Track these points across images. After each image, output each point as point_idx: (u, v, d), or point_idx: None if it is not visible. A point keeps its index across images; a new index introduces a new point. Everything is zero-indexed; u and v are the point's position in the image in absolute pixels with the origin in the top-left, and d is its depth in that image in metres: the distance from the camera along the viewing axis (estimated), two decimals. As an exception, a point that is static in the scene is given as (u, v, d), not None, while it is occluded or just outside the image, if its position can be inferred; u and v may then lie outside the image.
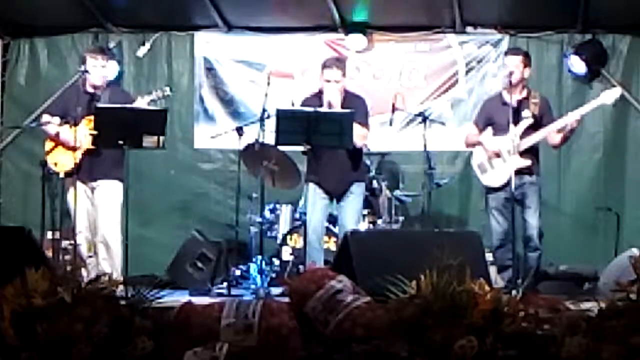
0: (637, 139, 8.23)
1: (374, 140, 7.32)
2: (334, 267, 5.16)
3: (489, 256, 6.42)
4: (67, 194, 6.58)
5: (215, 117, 8.70)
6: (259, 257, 6.76)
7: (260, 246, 6.81)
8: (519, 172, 6.47)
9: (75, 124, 6.43)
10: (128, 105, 6.49)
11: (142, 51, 8.68)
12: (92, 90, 6.66)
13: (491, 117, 6.77)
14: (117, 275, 5.59)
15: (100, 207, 6.59)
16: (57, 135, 6.60)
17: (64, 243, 6.97)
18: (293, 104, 7.07)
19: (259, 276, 6.72)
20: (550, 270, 7.32)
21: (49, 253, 6.55)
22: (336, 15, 8.30)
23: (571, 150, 8.10)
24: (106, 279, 4.50)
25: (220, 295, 6.64)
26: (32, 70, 8.82)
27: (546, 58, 8.33)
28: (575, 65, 8.17)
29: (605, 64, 8.18)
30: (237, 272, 7.44)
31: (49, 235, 6.76)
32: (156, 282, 6.46)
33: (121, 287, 4.73)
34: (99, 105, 6.44)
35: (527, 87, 6.74)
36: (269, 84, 6.95)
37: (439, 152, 7.84)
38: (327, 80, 6.58)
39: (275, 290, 6.60)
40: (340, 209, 6.71)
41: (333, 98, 6.54)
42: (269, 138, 6.60)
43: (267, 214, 7.48)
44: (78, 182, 6.45)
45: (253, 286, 6.73)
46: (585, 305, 4.32)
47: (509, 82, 6.53)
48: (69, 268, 4.69)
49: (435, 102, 8.47)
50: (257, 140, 6.70)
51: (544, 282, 6.99)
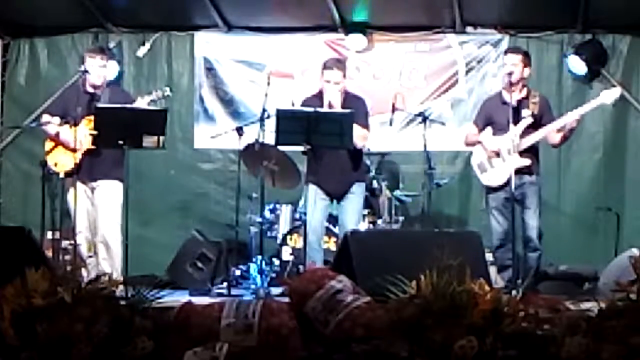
0: (637, 139, 8.22)
1: (374, 140, 7.31)
2: (334, 267, 5.16)
3: (489, 256, 6.42)
4: (67, 194, 6.58)
5: (215, 117, 8.69)
6: (259, 257, 6.77)
7: (260, 246, 6.82)
8: (518, 172, 6.47)
9: (75, 124, 6.43)
10: (128, 105, 6.49)
11: (142, 51, 8.68)
12: (92, 90, 6.66)
13: (491, 117, 6.77)
14: (117, 275, 5.59)
15: (100, 207, 6.60)
16: (57, 135, 6.60)
17: (64, 243, 6.97)
18: (293, 104, 7.07)
19: (259, 276, 6.72)
20: (550, 271, 7.32)
21: (49, 253, 6.55)
22: (336, 15, 8.29)
23: (571, 150, 8.10)
24: (106, 279, 4.50)
25: (220, 295, 6.64)
26: (32, 70, 8.81)
27: (546, 58, 8.33)
28: (575, 65, 8.17)
29: (605, 64, 8.18)
30: (237, 272, 7.44)
31: (49, 235, 6.76)
32: (156, 282, 6.47)
33: (121, 287, 4.73)
34: (99, 105, 6.44)
35: (527, 86, 6.74)
36: (269, 84, 6.96)
37: (439, 152, 7.83)
38: (328, 81, 6.58)
39: (275, 290, 6.60)
40: (340, 210, 6.71)
41: (333, 99, 6.54)
42: (269, 138, 6.61)
43: (267, 214, 7.48)
44: (78, 182, 6.45)
45: (253, 286, 6.74)
46: (585, 305, 4.32)
47: (509, 82, 6.54)
48: (69, 268, 4.69)
49: (435, 102, 8.47)
50: (257, 140, 6.70)
51: (544, 282, 6.98)
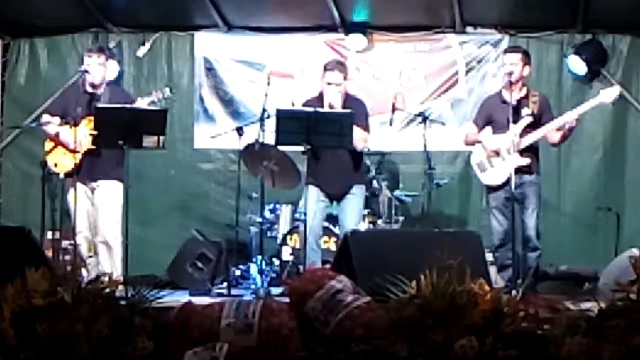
0: (637, 139, 8.22)
1: (374, 140, 7.31)
2: (334, 267, 5.16)
3: (489, 256, 6.42)
4: (67, 194, 6.58)
5: (215, 117, 8.69)
6: (259, 257, 6.77)
7: (260, 246, 6.82)
8: (518, 171, 6.47)
9: (75, 124, 6.43)
10: (128, 105, 6.49)
11: (142, 51, 8.67)
12: (91, 90, 6.65)
13: (490, 116, 6.77)
14: (117, 275, 5.58)
15: (100, 207, 6.59)
16: (57, 135, 6.60)
17: (64, 243, 6.97)
18: (293, 104, 7.07)
19: (259, 276, 6.73)
20: (550, 271, 7.32)
21: (49, 253, 6.55)
22: (336, 15, 8.29)
23: (571, 150, 8.10)
24: (106, 279, 4.50)
25: (220, 295, 6.64)
26: (32, 70, 8.81)
27: (546, 58, 8.32)
28: (575, 65, 8.16)
29: (605, 64, 8.17)
30: (237, 272, 7.44)
31: (49, 235, 6.76)
32: (156, 282, 6.47)
33: (121, 287, 4.73)
34: (99, 105, 6.44)
35: (527, 85, 6.75)
36: (269, 84, 6.97)
37: (439, 152, 7.83)
38: (329, 83, 6.59)
39: (275, 290, 6.60)
40: (340, 211, 6.71)
41: (334, 101, 6.55)
42: (269, 138, 6.61)
43: (267, 214, 7.47)
44: (78, 183, 6.45)
45: (253, 286, 6.74)
46: (585, 305, 4.32)
47: (509, 81, 6.54)
48: (69, 268, 4.69)
49: (435, 102, 8.47)
50: (257, 140, 6.70)
51: (544, 282, 6.98)
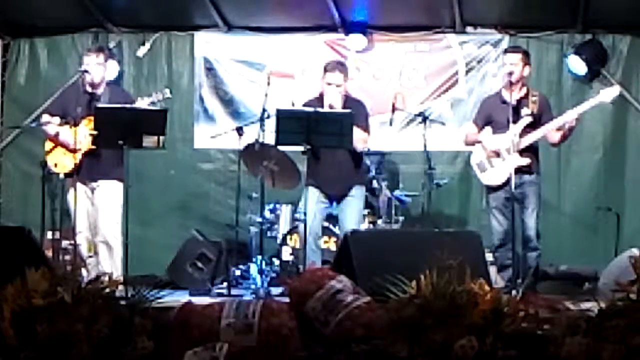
0: (637, 139, 8.22)
1: (374, 140, 7.31)
2: (334, 267, 5.16)
3: (489, 256, 6.42)
4: (67, 194, 6.57)
5: (215, 117, 8.69)
6: (259, 257, 6.77)
7: (260, 246, 6.82)
8: (518, 171, 6.47)
9: (75, 124, 6.43)
10: (128, 105, 6.48)
11: (142, 51, 8.67)
12: (90, 90, 6.65)
13: (490, 116, 6.77)
14: (117, 275, 5.58)
15: (100, 207, 6.59)
16: (57, 135, 6.59)
17: (64, 243, 6.97)
18: (293, 104, 7.07)
19: (259, 276, 6.73)
20: (550, 270, 7.32)
21: (49, 253, 6.54)
22: (336, 15, 8.29)
23: (571, 150, 8.10)
24: (106, 279, 4.50)
25: (220, 295, 6.64)
26: (32, 70, 8.81)
27: (546, 58, 8.32)
28: (575, 65, 8.16)
29: (605, 64, 8.17)
30: (237, 272, 7.43)
31: (49, 235, 6.76)
32: (156, 282, 6.47)
33: (121, 287, 4.73)
34: (99, 105, 6.44)
35: (526, 85, 6.75)
36: (269, 84, 6.97)
37: (439, 152, 7.83)
38: (329, 84, 6.59)
39: (275, 290, 6.61)
40: (340, 212, 6.72)
41: (334, 101, 6.55)
42: (269, 138, 6.61)
43: (267, 214, 7.47)
44: (78, 183, 6.45)
45: (253, 286, 6.74)
46: (585, 305, 4.32)
47: (509, 81, 6.54)
48: (69, 268, 4.69)
49: (435, 102, 8.47)
50: (257, 140, 6.71)
51: (544, 282, 6.98)
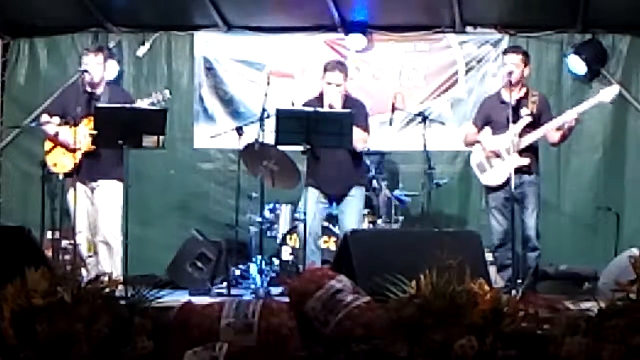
0: (637, 139, 8.22)
1: (374, 140, 7.31)
2: (334, 267, 5.16)
3: (489, 256, 6.42)
4: (67, 194, 6.57)
5: (215, 117, 8.69)
6: (259, 257, 6.77)
7: (260, 246, 6.82)
8: (518, 171, 6.47)
9: (75, 124, 6.42)
10: (128, 105, 6.48)
11: (142, 51, 8.67)
12: (90, 90, 6.64)
13: (490, 116, 6.77)
14: (117, 275, 5.58)
15: (100, 207, 6.59)
16: (57, 135, 6.59)
17: (64, 243, 6.96)
18: (293, 104, 7.07)
19: (259, 276, 6.73)
20: (550, 270, 7.31)
21: (49, 253, 6.54)
22: (336, 15, 8.29)
23: (571, 150, 8.10)
24: (106, 279, 4.50)
25: (220, 295, 6.64)
26: (32, 70, 8.81)
27: (546, 58, 8.32)
28: (575, 65, 8.16)
29: (605, 64, 8.17)
30: (237, 272, 7.43)
31: (49, 235, 6.75)
32: (156, 282, 6.47)
33: (121, 287, 4.73)
34: (99, 105, 6.44)
35: (526, 85, 6.75)
36: (269, 84, 6.97)
37: (439, 152, 7.83)
38: (329, 84, 6.60)
39: (275, 290, 6.61)
40: (340, 212, 6.72)
41: (334, 101, 6.55)
42: (269, 138, 6.61)
43: (267, 214, 7.47)
44: (78, 183, 6.45)
45: (253, 286, 6.74)
46: (585, 305, 4.31)
47: (509, 82, 6.54)
48: (69, 268, 4.69)
49: (435, 102, 8.47)
50: (257, 140, 6.70)
51: (544, 282, 6.98)
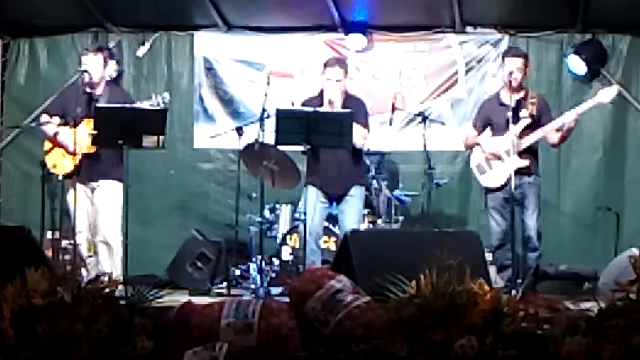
0: (637, 139, 8.22)
1: (374, 140, 7.32)
2: (334, 267, 5.16)
3: (489, 256, 6.42)
4: (67, 194, 6.57)
5: (215, 117, 8.69)
6: (259, 257, 6.77)
7: (260, 246, 6.81)
8: (517, 173, 6.47)
9: (75, 125, 6.42)
10: (128, 105, 6.48)
11: (142, 51, 8.67)
12: (90, 90, 6.64)
13: (489, 118, 6.78)
14: (117, 275, 5.58)
15: (100, 207, 6.59)
16: (56, 135, 6.59)
17: (64, 243, 6.96)
18: (293, 104, 7.07)
19: (259, 276, 6.73)
20: (550, 271, 7.31)
21: (49, 253, 6.54)
22: (336, 15, 8.29)
23: (571, 150, 8.10)
24: (106, 279, 4.50)
25: (220, 295, 6.65)
26: (32, 70, 8.81)
27: (546, 58, 8.32)
28: (575, 65, 8.16)
29: (605, 64, 8.17)
30: (237, 272, 7.43)
31: (49, 235, 6.75)
32: (156, 282, 6.49)
33: (121, 287, 4.73)
34: (99, 105, 6.44)
35: (525, 87, 6.74)
36: (269, 84, 6.97)
37: (439, 152, 7.83)
38: (329, 79, 6.59)
39: (275, 290, 6.61)
40: (340, 212, 6.71)
41: (334, 97, 6.54)
42: (269, 138, 6.61)
43: (267, 214, 7.46)
44: (78, 183, 6.45)
45: (253, 286, 6.74)
46: (585, 305, 4.31)
47: (509, 82, 6.53)
48: (69, 268, 4.68)
49: (435, 102, 8.46)
50: (257, 140, 6.70)
51: (544, 282, 6.98)
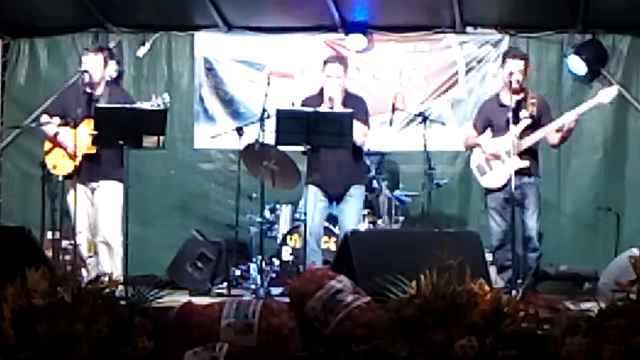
0: (637, 139, 8.22)
1: (374, 140, 7.32)
2: (334, 267, 5.16)
3: (489, 256, 6.42)
4: (67, 195, 6.57)
5: (215, 117, 8.69)
6: (259, 257, 6.77)
7: (260, 246, 6.81)
8: (517, 173, 6.47)
9: (75, 125, 6.42)
10: (128, 105, 6.47)
11: (142, 51, 8.68)
12: (90, 90, 6.64)
13: (489, 119, 6.78)
14: (117, 275, 5.58)
15: (100, 207, 6.58)
16: (56, 135, 6.59)
17: (64, 243, 6.96)
18: (293, 104, 7.06)
19: (259, 276, 6.73)
20: (550, 271, 7.32)
21: (49, 253, 6.54)
22: (336, 15, 8.29)
23: (571, 150, 8.09)
24: (106, 279, 4.50)
25: (220, 295, 6.65)
26: (32, 70, 8.81)
27: (546, 58, 8.32)
28: (575, 65, 8.16)
29: (605, 64, 8.17)
30: (237, 272, 7.43)
31: (49, 235, 6.75)
32: (156, 282, 6.49)
33: (121, 287, 4.73)
34: (99, 105, 6.44)
35: (525, 88, 6.74)
36: (269, 84, 6.97)
37: (439, 152, 7.83)
38: (329, 76, 6.59)
39: (275, 290, 6.61)
40: (340, 212, 6.71)
41: (334, 93, 6.54)
42: (269, 138, 6.61)
43: (267, 214, 7.46)
44: (78, 184, 6.45)
45: (253, 286, 6.74)
46: (585, 305, 4.31)
47: (509, 83, 6.53)
48: (69, 268, 4.69)
49: (435, 102, 8.46)
50: (257, 140, 6.70)
51: (544, 282, 6.99)
